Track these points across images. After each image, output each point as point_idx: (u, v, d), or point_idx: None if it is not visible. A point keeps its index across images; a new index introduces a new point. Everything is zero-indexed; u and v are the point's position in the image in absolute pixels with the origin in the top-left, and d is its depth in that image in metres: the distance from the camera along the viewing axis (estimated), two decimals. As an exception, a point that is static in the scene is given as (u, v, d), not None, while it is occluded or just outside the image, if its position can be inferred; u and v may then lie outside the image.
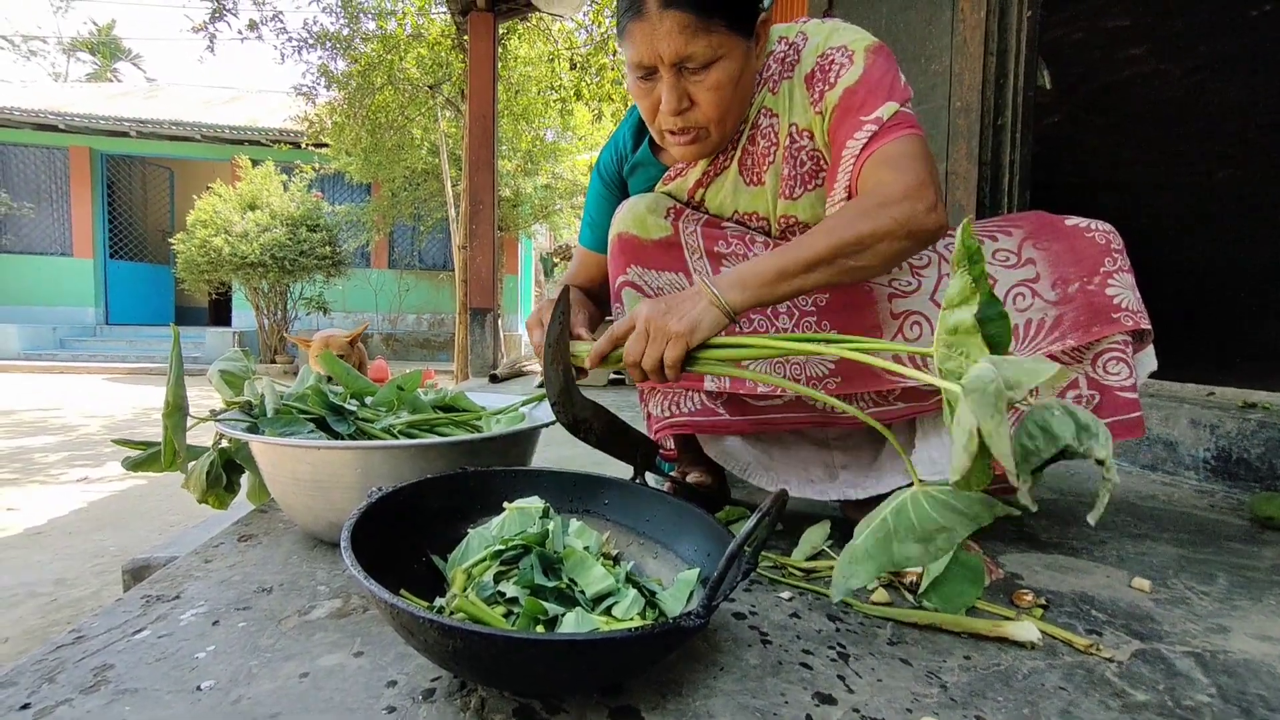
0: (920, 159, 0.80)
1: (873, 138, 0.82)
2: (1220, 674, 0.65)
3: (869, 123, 0.83)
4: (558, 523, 0.71)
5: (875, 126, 0.83)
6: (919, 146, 0.81)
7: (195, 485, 1.03)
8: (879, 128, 0.82)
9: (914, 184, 0.77)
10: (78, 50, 23.31)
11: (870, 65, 0.85)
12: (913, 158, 0.80)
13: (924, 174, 0.78)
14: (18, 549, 2.21)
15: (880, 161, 0.81)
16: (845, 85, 0.86)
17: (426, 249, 10.96)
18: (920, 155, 0.80)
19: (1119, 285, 0.85)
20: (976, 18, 2.06)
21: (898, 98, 0.84)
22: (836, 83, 0.86)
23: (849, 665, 0.65)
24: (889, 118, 0.82)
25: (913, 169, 0.78)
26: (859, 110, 0.84)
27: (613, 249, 1.01)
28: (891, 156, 0.80)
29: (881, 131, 0.82)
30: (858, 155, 0.83)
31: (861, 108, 0.84)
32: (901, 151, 0.80)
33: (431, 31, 7.29)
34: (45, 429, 4.44)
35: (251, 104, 12.71)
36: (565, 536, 0.71)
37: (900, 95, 0.84)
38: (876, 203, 0.76)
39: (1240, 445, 1.45)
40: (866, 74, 0.85)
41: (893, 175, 0.78)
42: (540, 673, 0.54)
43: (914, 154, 0.80)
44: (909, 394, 0.94)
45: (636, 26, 0.80)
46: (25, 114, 9.89)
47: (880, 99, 0.83)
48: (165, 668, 0.62)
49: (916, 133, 0.82)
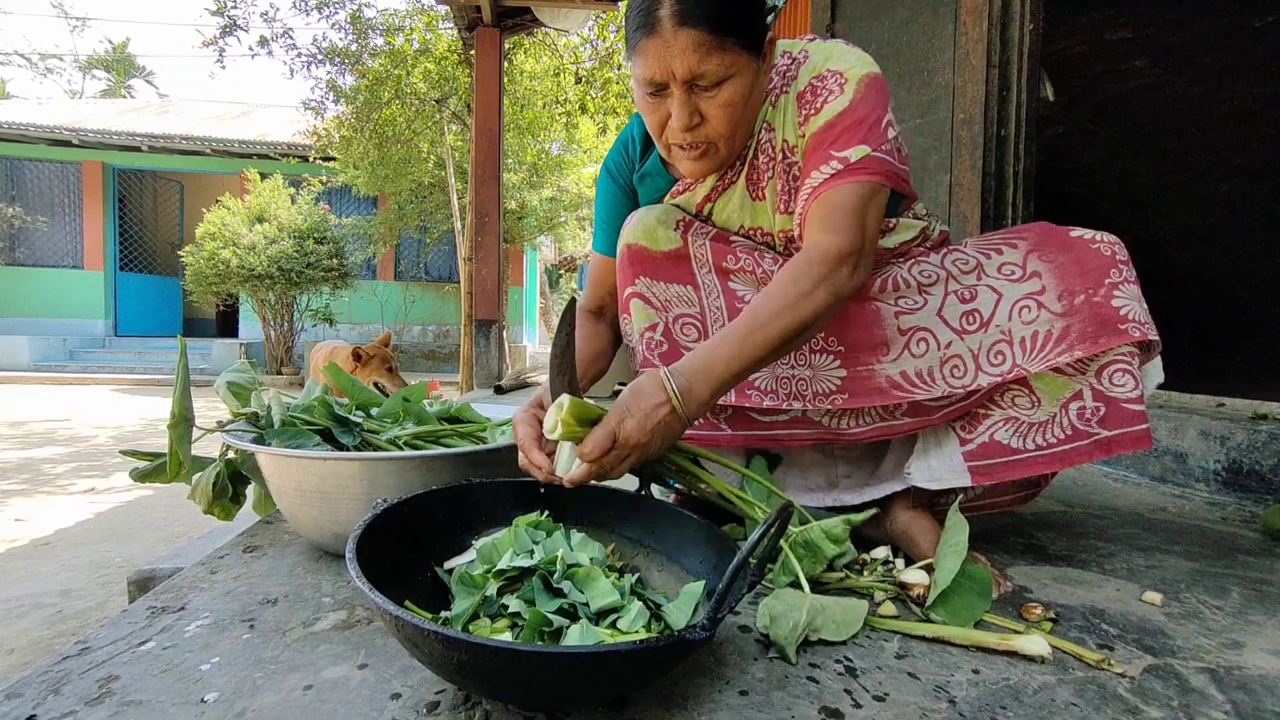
0: (858, 214, 0.82)
1: (833, 176, 0.84)
2: (1235, 690, 0.64)
3: (836, 159, 0.84)
4: (564, 539, 0.71)
5: (840, 165, 0.84)
6: (865, 195, 0.83)
7: (201, 496, 1.03)
8: (844, 167, 0.83)
9: (844, 248, 0.80)
10: (93, 68, 23.74)
11: (858, 100, 0.86)
12: (851, 211, 0.82)
13: (854, 233, 0.81)
14: (25, 560, 2.22)
15: (823, 210, 0.83)
16: (828, 115, 0.86)
17: (432, 261, 11.02)
18: (859, 209, 0.82)
19: (1125, 296, 0.84)
20: (979, 31, 2.08)
21: (874, 142, 0.84)
22: (822, 109, 0.87)
23: (856, 679, 0.64)
24: (856, 160, 0.83)
25: (847, 227, 0.81)
26: (832, 143, 0.85)
27: (622, 259, 1.01)
28: (833, 206, 0.82)
29: (844, 172, 0.83)
30: (815, 188, 0.85)
31: (835, 142, 0.85)
32: (845, 201, 0.82)
33: (439, 47, 7.39)
34: (54, 440, 4.47)
35: (261, 119, 12.88)
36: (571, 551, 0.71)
37: (877, 139, 0.84)
38: (813, 275, 0.78)
39: (1251, 457, 1.43)
40: (851, 108, 0.85)
41: (826, 234, 0.81)
42: (545, 685, 0.53)
43: (854, 207, 0.82)
44: (915, 408, 0.94)
45: (649, 43, 0.81)
46: (41, 130, 10.06)
47: (856, 138, 0.84)
48: (170, 680, 0.62)
49: (873, 180, 0.83)
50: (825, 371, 0.95)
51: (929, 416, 0.94)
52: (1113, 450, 0.86)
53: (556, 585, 0.65)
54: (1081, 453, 0.87)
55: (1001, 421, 0.91)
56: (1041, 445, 0.89)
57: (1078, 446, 0.87)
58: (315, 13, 7.05)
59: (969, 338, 0.89)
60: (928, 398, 0.91)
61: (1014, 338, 0.87)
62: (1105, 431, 0.86)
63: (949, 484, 0.92)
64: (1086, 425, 0.87)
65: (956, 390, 0.89)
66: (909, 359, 0.91)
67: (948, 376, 0.90)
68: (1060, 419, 0.88)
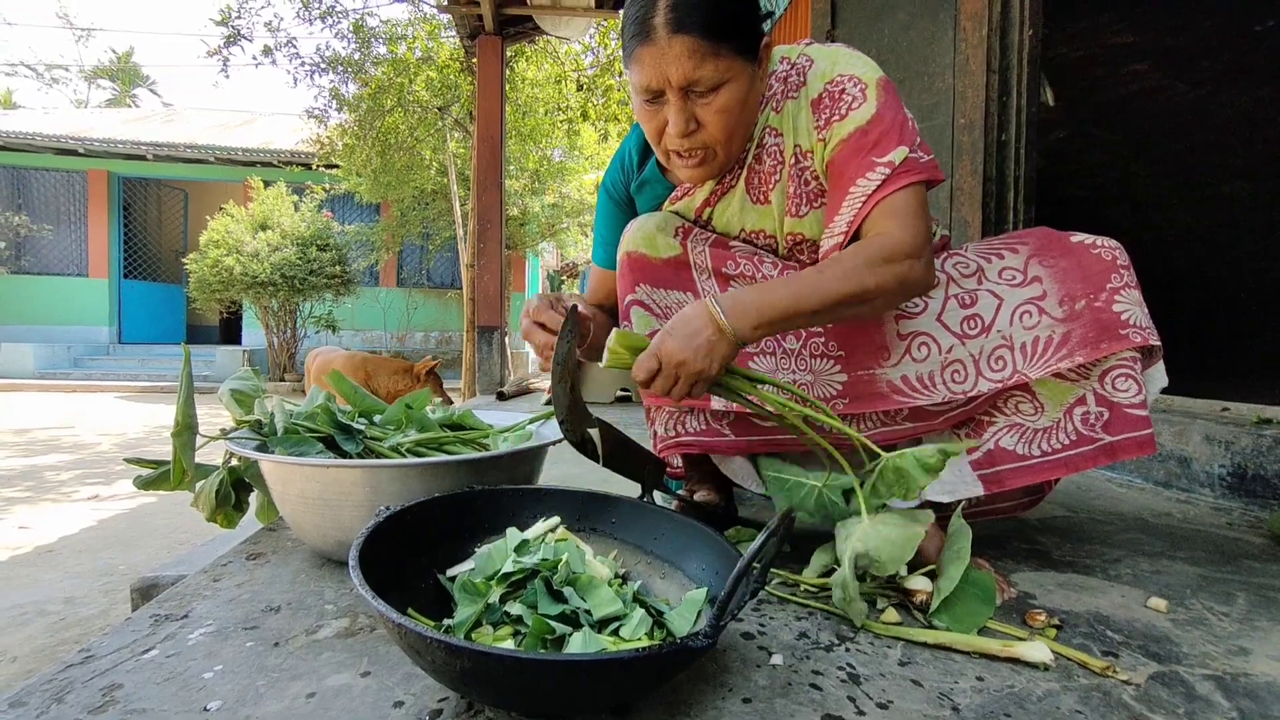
0: (921, 215, 0.84)
1: (885, 181, 0.84)
2: (1242, 697, 0.64)
3: (882, 165, 0.85)
4: (572, 547, 0.71)
5: (888, 170, 0.84)
6: (921, 198, 0.85)
7: (204, 503, 1.03)
8: (891, 172, 0.84)
9: (917, 242, 0.82)
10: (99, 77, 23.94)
11: (883, 104, 0.87)
12: (915, 214, 0.84)
13: (923, 231, 0.83)
14: (28, 567, 2.22)
15: (888, 211, 0.84)
16: (857, 122, 0.87)
17: (434, 268, 11.06)
18: (921, 210, 0.84)
19: (1126, 301, 0.84)
20: (978, 36, 2.08)
21: (908, 141, 0.86)
22: (848, 115, 0.87)
23: (859, 686, 0.64)
24: (900, 163, 0.84)
25: (914, 225, 0.83)
26: (872, 150, 0.86)
27: (621, 267, 1.02)
28: (898, 208, 0.84)
29: (893, 176, 0.84)
30: (869, 195, 0.85)
31: (874, 148, 0.86)
32: (906, 204, 0.84)
33: (441, 55, 7.44)
34: (58, 447, 4.48)
35: (264, 127, 12.96)
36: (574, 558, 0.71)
37: (910, 138, 0.86)
38: (883, 256, 0.80)
39: (1256, 462, 1.43)
40: (880, 113, 0.86)
41: (898, 229, 0.83)
42: (548, 693, 0.53)
43: (916, 209, 0.84)
44: (916, 414, 0.94)
45: (645, 51, 0.81)
46: (47, 139, 10.14)
47: (894, 142, 0.85)
48: (173, 688, 0.62)
49: (921, 179, 0.85)
50: (826, 376, 0.95)
51: (930, 422, 0.94)
52: (1117, 455, 0.86)
53: (557, 589, 0.65)
54: (1086, 458, 0.87)
55: (1006, 428, 0.91)
56: (1047, 451, 0.89)
57: (1082, 452, 0.87)
58: (319, 22, 7.11)
59: (970, 343, 0.89)
60: (929, 403, 0.91)
61: (1015, 343, 0.87)
62: (1109, 436, 0.86)
63: (961, 495, 0.92)
64: (1091, 430, 0.87)
65: (957, 395, 0.89)
66: (910, 364, 0.91)
67: (948, 381, 0.90)
68: (1064, 424, 0.88)
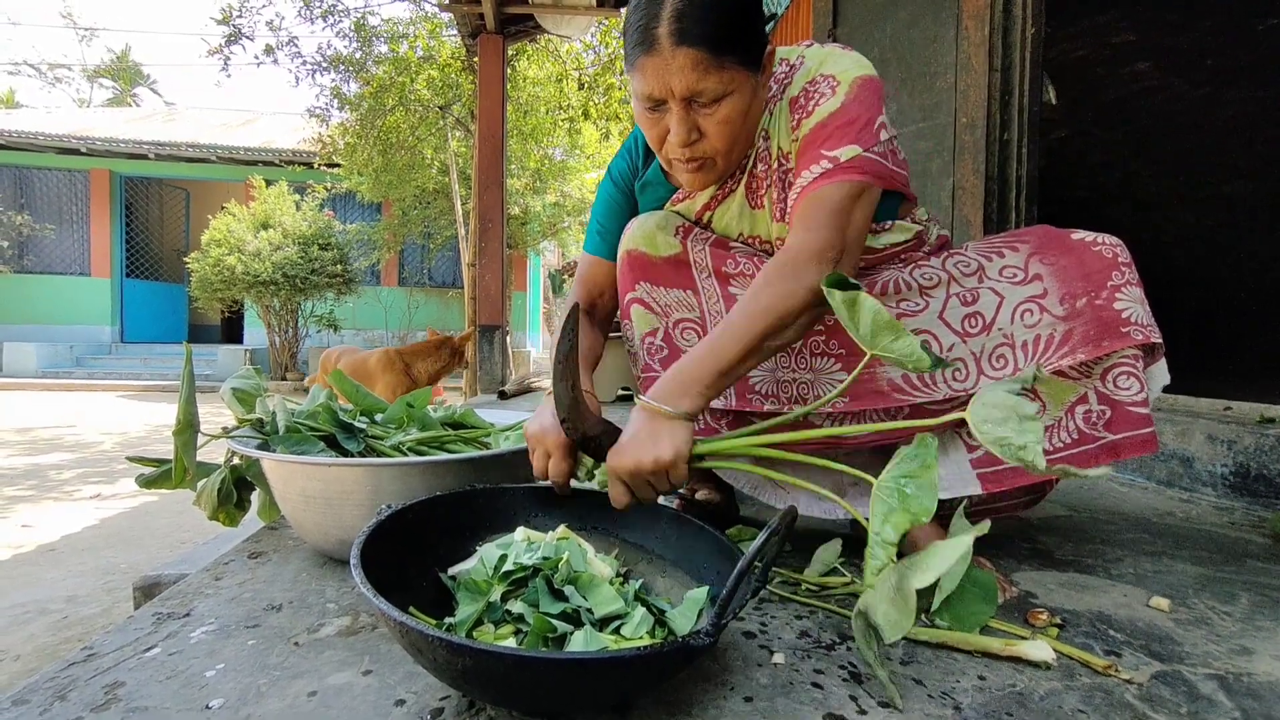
0: (841, 211, 0.80)
1: (821, 175, 0.82)
2: (1244, 697, 0.64)
3: (826, 159, 0.83)
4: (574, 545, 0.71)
5: (830, 164, 0.82)
6: (852, 194, 0.81)
7: (206, 502, 1.03)
8: (834, 166, 0.82)
9: (821, 243, 0.78)
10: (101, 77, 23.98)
11: (850, 100, 0.85)
12: (834, 211, 0.80)
13: (837, 227, 0.79)
14: (31, 565, 2.23)
15: (806, 209, 0.82)
16: (820, 116, 0.85)
17: (436, 267, 11.07)
18: (844, 208, 0.80)
19: (1128, 299, 0.84)
20: (980, 35, 2.08)
21: (865, 142, 0.83)
22: (814, 111, 0.86)
23: (861, 685, 0.64)
24: (846, 159, 0.82)
25: (827, 223, 0.79)
26: (823, 143, 0.84)
27: (622, 265, 1.02)
28: (817, 205, 0.81)
29: (833, 171, 0.82)
30: (804, 187, 0.84)
31: (826, 141, 0.84)
32: (829, 201, 0.81)
33: (442, 54, 7.44)
34: (60, 446, 4.49)
35: (266, 126, 12.98)
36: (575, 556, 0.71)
37: (868, 139, 0.83)
38: (785, 271, 0.77)
39: (1259, 461, 1.42)
40: (843, 108, 0.84)
41: (802, 231, 0.80)
42: (548, 692, 0.53)
43: (839, 206, 0.80)
44: (916, 412, 0.94)
45: (648, 61, 0.80)
46: (49, 138, 10.16)
47: (847, 138, 0.83)
48: (175, 686, 0.62)
49: (862, 180, 0.82)
50: (827, 375, 0.95)
51: (931, 420, 0.94)
52: (1119, 454, 0.86)
53: (559, 588, 0.65)
54: (1088, 456, 0.87)
55: None
56: (1048, 450, 0.89)
57: (1084, 450, 0.87)
58: (320, 21, 7.12)
59: (971, 340, 0.89)
60: (929, 401, 0.90)
61: (1016, 341, 0.87)
62: (1111, 435, 0.86)
63: (958, 493, 0.92)
64: (1093, 429, 0.87)
65: (958, 393, 0.89)
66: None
67: (949, 379, 0.89)
68: (1066, 423, 0.88)
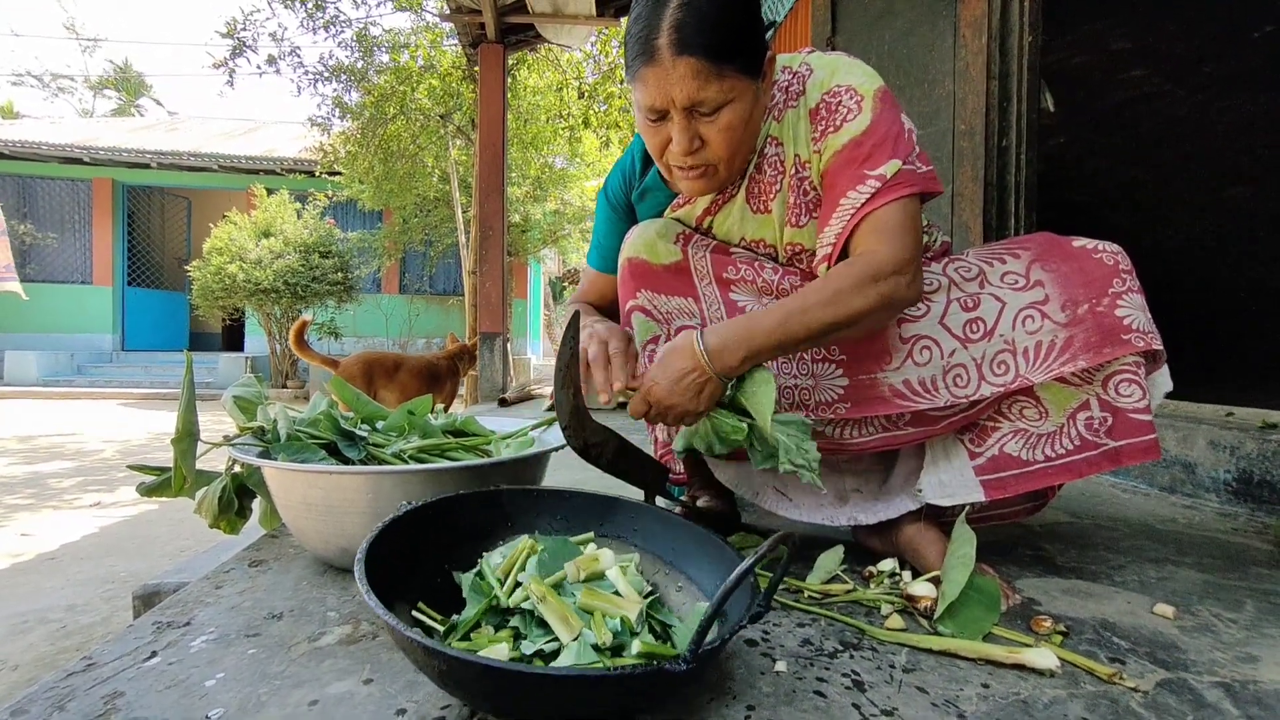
0: (909, 229, 0.83)
1: (874, 194, 0.84)
2: (1251, 705, 0.63)
3: (873, 178, 0.84)
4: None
5: (878, 183, 0.84)
6: (912, 211, 0.84)
7: (207, 510, 1.03)
8: (881, 185, 0.84)
9: (902, 258, 0.81)
10: (104, 87, 24.15)
11: (879, 115, 0.86)
12: (903, 228, 0.83)
13: (911, 246, 0.82)
14: (31, 574, 2.22)
15: (875, 226, 0.84)
16: (851, 134, 0.86)
17: (437, 274, 11.08)
18: (910, 224, 0.84)
19: (1129, 306, 0.84)
20: (978, 43, 2.09)
21: (902, 153, 0.85)
22: (842, 127, 0.87)
23: (864, 694, 0.63)
24: (892, 176, 0.84)
25: (901, 240, 0.82)
26: (864, 162, 0.85)
27: (623, 273, 1.02)
28: (885, 223, 0.83)
29: (883, 190, 0.84)
30: (857, 209, 0.85)
31: (866, 160, 0.85)
32: (895, 219, 0.83)
33: (443, 63, 7.49)
34: (60, 454, 4.49)
35: (268, 135, 13.04)
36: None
37: (904, 150, 0.85)
38: (869, 276, 0.81)
39: (1262, 466, 1.42)
40: (874, 125, 0.86)
41: (883, 246, 0.83)
42: (544, 704, 0.53)
43: (904, 223, 0.83)
44: (919, 418, 0.94)
45: (649, 71, 0.81)
46: (53, 148, 10.22)
47: (886, 154, 0.85)
48: (175, 695, 0.62)
49: (913, 192, 0.85)
50: (828, 380, 0.95)
51: (933, 426, 0.94)
52: (1121, 460, 0.85)
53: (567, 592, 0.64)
54: (1090, 463, 0.87)
55: (1011, 434, 0.91)
56: (1051, 456, 0.89)
57: (1087, 457, 0.87)
58: (322, 31, 7.17)
59: (972, 347, 0.89)
60: (931, 407, 0.90)
61: (1017, 347, 0.87)
62: (1113, 442, 0.86)
63: (961, 499, 0.92)
64: (1095, 436, 0.86)
65: (960, 400, 0.89)
66: (912, 367, 0.91)
67: (951, 386, 0.89)
68: (1068, 430, 0.88)
